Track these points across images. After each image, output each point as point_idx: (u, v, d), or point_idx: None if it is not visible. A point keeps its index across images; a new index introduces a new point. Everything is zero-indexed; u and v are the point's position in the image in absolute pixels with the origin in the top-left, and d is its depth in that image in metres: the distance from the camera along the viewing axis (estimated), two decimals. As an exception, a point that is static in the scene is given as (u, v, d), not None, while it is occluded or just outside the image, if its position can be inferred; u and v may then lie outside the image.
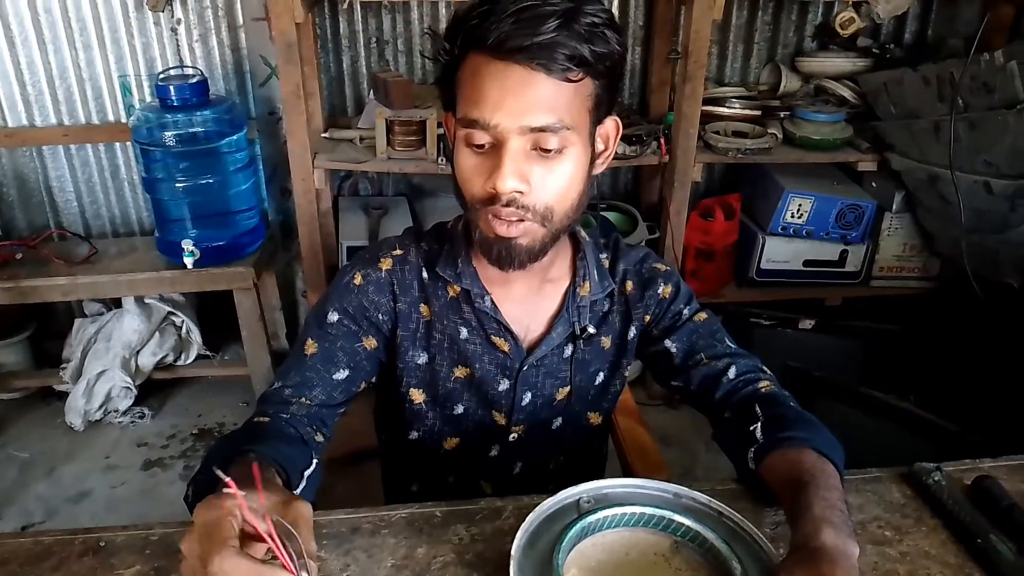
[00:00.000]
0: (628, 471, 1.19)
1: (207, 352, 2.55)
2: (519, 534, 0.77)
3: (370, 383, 1.05)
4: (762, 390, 1.00)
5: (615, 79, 0.88)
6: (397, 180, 2.60)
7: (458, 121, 0.86)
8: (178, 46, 2.33)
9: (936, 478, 0.93)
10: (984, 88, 1.91)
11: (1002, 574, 0.81)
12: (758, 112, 2.40)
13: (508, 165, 0.83)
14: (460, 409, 1.06)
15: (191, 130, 2.14)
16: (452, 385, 1.05)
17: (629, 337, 1.08)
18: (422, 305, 1.02)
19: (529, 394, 1.05)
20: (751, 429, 0.93)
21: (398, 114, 2.11)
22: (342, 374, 0.99)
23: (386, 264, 1.02)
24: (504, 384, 1.04)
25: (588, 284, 1.03)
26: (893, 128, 2.26)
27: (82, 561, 0.83)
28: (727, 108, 2.39)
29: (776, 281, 2.51)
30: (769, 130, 2.33)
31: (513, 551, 0.75)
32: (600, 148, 0.93)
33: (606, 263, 1.07)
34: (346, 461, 1.82)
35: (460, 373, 1.04)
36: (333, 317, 0.99)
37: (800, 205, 2.38)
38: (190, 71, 2.20)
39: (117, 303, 2.49)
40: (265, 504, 0.66)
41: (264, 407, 0.95)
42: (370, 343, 1.01)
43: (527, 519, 0.79)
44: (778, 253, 2.46)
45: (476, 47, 0.83)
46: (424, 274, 1.02)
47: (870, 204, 2.39)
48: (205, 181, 2.18)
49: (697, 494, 0.86)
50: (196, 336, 2.51)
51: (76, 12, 2.25)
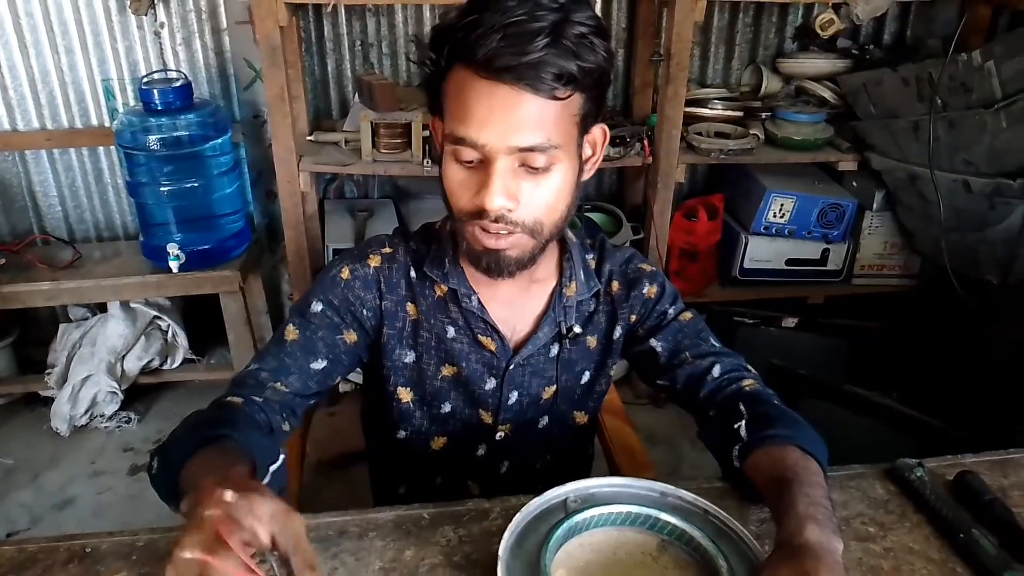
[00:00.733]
0: (615, 470, 1.20)
1: (193, 356, 2.54)
2: (506, 535, 0.77)
3: (347, 380, 1.05)
4: (746, 388, 1.00)
5: (603, 88, 0.88)
6: (383, 182, 2.60)
7: (446, 136, 0.86)
8: (161, 49, 2.32)
9: (919, 474, 0.94)
10: (962, 88, 1.93)
11: (984, 568, 0.81)
12: (740, 113, 2.41)
13: (496, 184, 0.83)
14: (447, 408, 1.06)
15: (175, 134, 2.13)
16: (439, 384, 1.05)
17: (615, 337, 1.08)
18: (409, 304, 1.03)
19: (515, 393, 1.06)
20: (735, 427, 0.93)
21: (383, 117, 2.11)
22: (320, 364, 0.99)
23: (374, 261, 1.02)
24: (491, 383, 1.05)
25: (574, 284, 1.04)
26: (873, 128, 2.28)
27: (67, 568, 0.82)
28: (709, 109, 2.40)
29: (759, 280, 2.53)
30: (751, 131, 2.34)
31: (500, 552, 0.75)
32: (588, 154, 0.93)
33: (592, 263, 1.08)
34: (333, 464, 1.82)
35: (447, 372, 1.05)
36: (317, 307, 1.00)
37: (782, 205, 2.40)
38: (174, 75, 2.19)
39: (102, 308, 2.47)
40: (264, 514, 0.66)
41: (237, 388, 0.94)
42: (351, 337, 1.01)
43: (514, 520, 0.79)
44: (761, 252, 2.48)
45: (462, 60, 0.82)
46: (412, 273, 1.03)
47: (851, 203, 2.41)
48: (190, 185, 2.17)
49: (683, 493, 0.86)
50: (182, 340, 2.49)
51: (58, 15, 2.24)
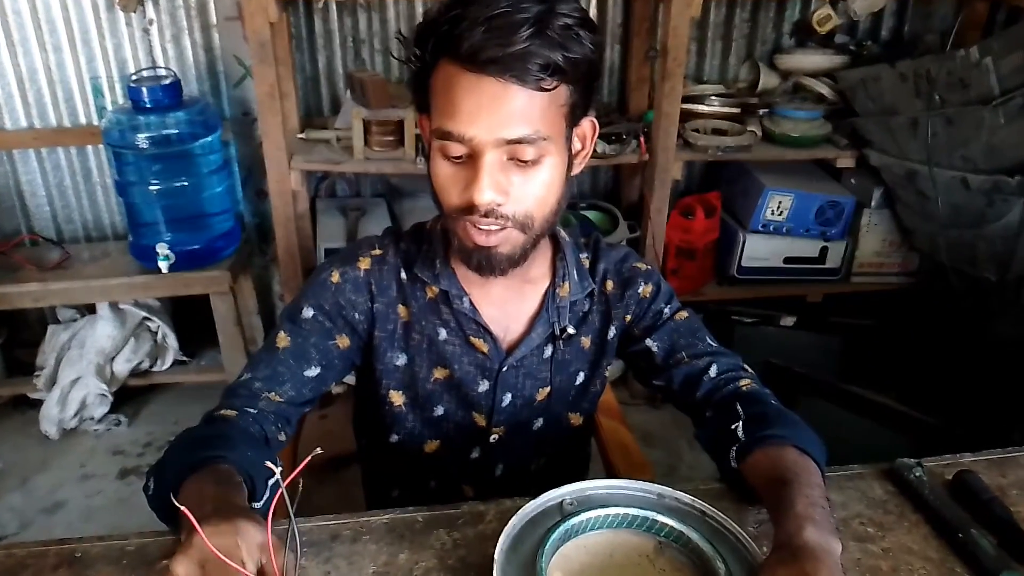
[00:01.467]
0: (611, 471, 1.18)
1: (183, 358, 2.52)
2: (502, 538, 0.76)
3: (339, 383, 1.04)
4: (743, 388, 1.00)
5: (591, 80, 0.87)
6: (375, 181, 2.59)
7: (433, 132, 0.85)
8: (150, 47, 2.30)
9: (917, 474, 0.93)
10: (960, 84, 1.93)
11: (983, 567, 0.81)
12: (737, 110, 2.41)
13: (485, 178, 0.83)
14: (440, 411, 1.05)
15: (164, 132, 2.11)
16: (431, 387, 1.04)
17: (609, 337, 1.07)
18: (400, 306, 1.01)
19: (509, 395, 1.04)
20: (732, 428, 0.92)
21: (375, 114, 2.10)
22: (313, 371, 0.97)
23: (364, 264, 1.01)
24: (483, 385, 1.03)
25: (568, 284, 1.03)
26: (871, 124, 2.27)
27: (57, 573, 0.81)
28: (706, 106, 2.39)
29: (757, 278, 2.52)
30: (748, 128, 2.34)
31: (496, 555, 0.74)
32: (577, 148, 0.92)
33: (586, 263, 1.07)
34: (326, 466, 1.80)
35: (439, 375, 1.03)
36: (308, 313, 0.98)
37: (780, 202, 2.39)
38: (163, 72, 2.17)
39: (91, 309, 2.45)
40: (253, 544, 0.67)
41: (231, 400, 0.93)
42: (343, 342, 1.00)
43: (510, 522, 0.78)
44: (759, 250, 2.47)
45: (448, 55, 0.81)
46: (402, 275, 1.02)
47: (849, 200, 2.40)
48: (179, 184, 2.15)
49: (680, 494, 0.85)
50: (172, 341, 2.47)
51: (46, 13, 2.21)
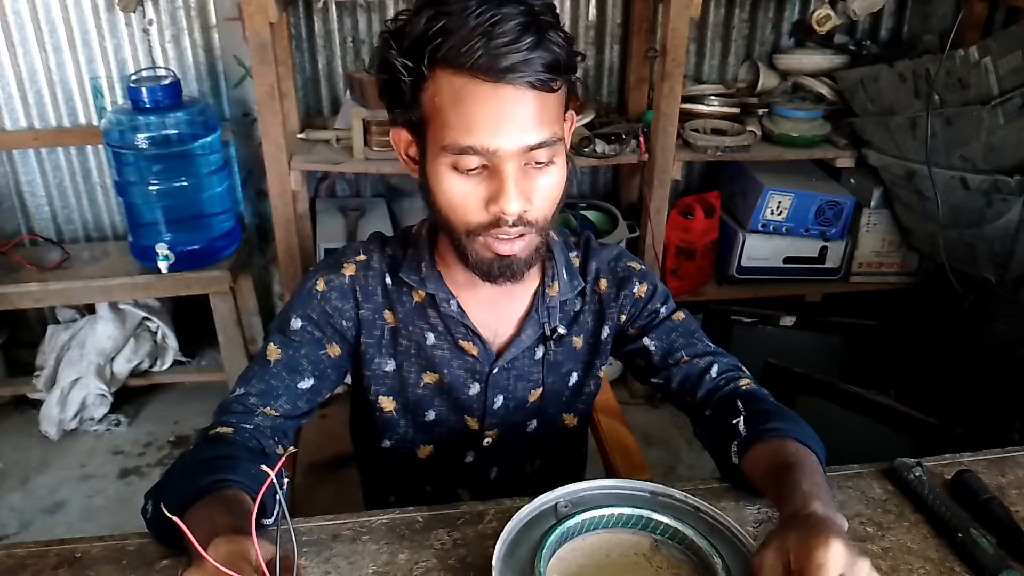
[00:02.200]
0: (611, 471, 1.18)
1: (183, 358, 2.52)
2: (498, 544, 0.76)
3: (331, 391, 1.03)
4: (743, 387, 1.01)
5: (575, 73, 0.88)
6: (375, 181, 2.59)
7: (445, 148, 0.82)
8: (150, 47, 2.30)
9: (917, 473, 0.93)
10: (959, 84, 1.93)
11: (982, 567, 0.81)
12: (736, 110, 2.41)
13: (512, 188, 0.82)
14: (431, 416, 1.05)
15: (164, 132, 2.11)
16: (421, 392, 1.03)
17: (603, 337, 1.07)
18: (386, 311, 1.01)
19: (500, 397, 1.04)
20: (734, 423, 0.93)
21: (375, 114, 2.09)
22: (307, 383, 0.97)
23: (349, 270, 1.00)
24: (474, 388, 1.03)
25: (557, 284, 1.02)
26: (870, 124, 2.27)
27: (57, 573, 0.81)
28: (706, 106, 2.39)
29: (756, 278, 2.52)
30: (748, 127, 2.34)
31: (494, 562, 0.74)
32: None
33: (576, 262, 1.06)
34: (326, 466, 1.81)
35: (429, 379, 1.03)
36: (296, 324, 0.97)
37: (779, 202, 2.39)
38: (162, 72, 2.17)
39: (91, 309, 2.45)
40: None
41: (227, 417, 0.92)
42: (334, 351, 0.99)
43: (506, 528, 0.78)
44: (758, 250, 2.47)
45: (450, 66, 0.79)
46: (388, 280, 1.01)
47: (848, 200, 2.40)
48: (179, 184, 2.15)
49: (674, 491, 0.86)
50: (172, 342, 2.47)
51: (45, 13, 2.21)
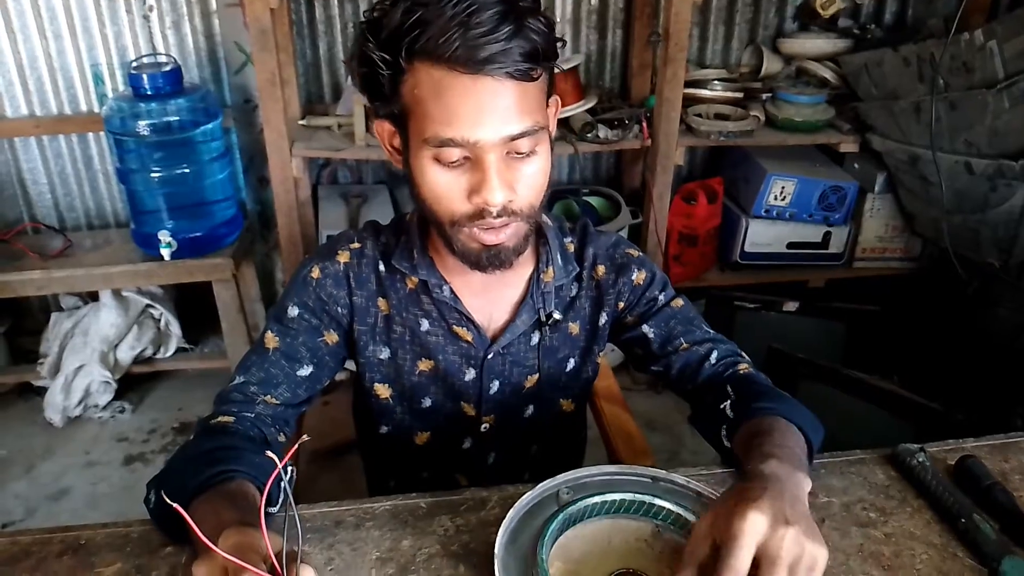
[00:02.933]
0: (613, 458, 1.18)
1: (186, 345, 2.52)
2: (500, 531, 0.76)
3: (330, 379, 1.03)
4: (741, 372, 1.01)
5: (556, 59, 0.87)
6: (376, 168, 2.58)
7: (426, 140, 0.82)
8: (151, 33, 2.29)
9: (920, 459, 0.93)
10: (964, 68, 1.91)
11: (985, 553, 0.81)
12: (740, 94, 2.39)
13: (494, 179, 0.82)
14: (428, 403, 1.05)
15: (165, 119, 2.11)
16: (417, 379, 1.04)
17: (600, 323, 1.07)
18: (380, 299, 1.01)
19: (496, 383, 1.04)
20: (722, 407, 0.94)
21: (376, 100, 2.08)
22: (306, 370, 0.97)
23: (343, 257, 1.00)
24: (470, 374, 1.03)
25: (552, 269, 1.02)
26: (874, 109, 2.26)
27: (61, 560, 0.81)
28: (709, 91, 2.38)
29: (759, 264, 2.51)
30: (751, 112, 2.32)
31: (496, 549, 0.74)
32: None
33: (571, 247, 1.06)
34: (329, 453, 1.81)
35: (424, 366, 1.03)
36: (293, 312, 0.98)
37: (783, 188, 2.38)
38: (163, 59, 2.16)
39: (94, 296, 2.45)
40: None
41: (227, 406, 0.93)
42: (331, 338, 1.00)
43: (508, 515, 0.78)
44: (761, 236, 2.47)
45: (429, 58, 0.78)
46: (381, 267, 1.01)
47: (852, 186, 2.39)
48: (180, 171, 2.15)
49: (675, 476, 0.86)
50: (175, 329, 2.48)
51: (45, 0, 2.20)
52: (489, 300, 1.01)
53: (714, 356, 1.02)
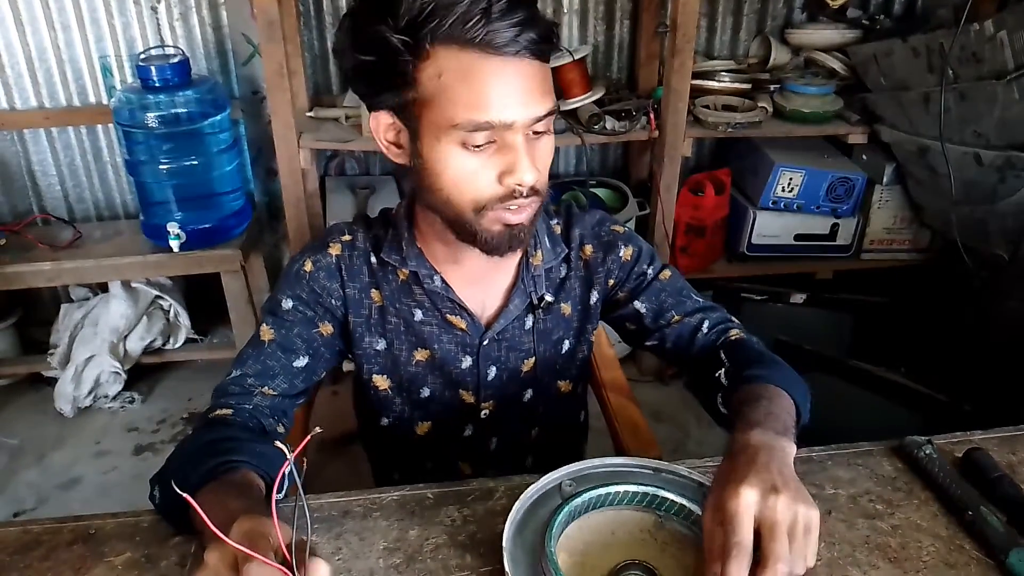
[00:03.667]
0: (620, 449, 1.19)
1: (195, 336, 2.53)
2: (507, 526, 0.77)
3: (330, 371, 1.04)
4: (732, 338, 1.03)
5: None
6: (384, 159, 2.58)
7: (458, 125, 0.80)
8: (159, 25, 2.29)
9: (927, 451, 0.93)
10: (974, 58, 1.90)
11: (992, 545, 0.81)
12: (748, 85, 2.38)
13: (525, 159, 0.83)
14: (426, 392, 1.06)
15: (173, 111, 2.11)
16: (414, 369, 1.04)
17: (592, 302, 1.08)
18: (372, 291, 1.02)
19: (493, 368, 1.05)
20: (716, 376, 0.97)
21: (384, 92, 2.08)
22: (302, 361, 0.98)
23: (335, 250, 1.01)
24: (467, 361, 1.04)
25: (540, 252, 1.03)
26: (883, 100, 2.24)
27: (72, 549, 0.82)
28: (716, 82, 2.36)
29: (767, 256, 2.50)
30: (759, 103, 2.31)
31: (504, 542, 0.75)
32: None
33: (557, 229, 1.07)
34: (336, 442, 1.82)
35: (420, 356, 1.04)
36: (287, 304, 0.98)
37: (791, 179, 2.37)
38: (171, 51, 2.17)
39: (103, 287, 2.46)
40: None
41: (225, 399, 0.93)
42: (327, 329, 1.00)
43: (512, 509, 0.79)
44: (769, 227, 2.46)
45: (453, 43, 0.78)
46: (373, 259, 1.01)
47: (860, 177, 2.38)
48: (189, 163, 2.15)
49: (677, 467, 0.86)
50: (184, 320, 2.49)
51: (54, -8, 2.21)
52: (481, 287, 1.02)
53: (706, 325, 1.05)
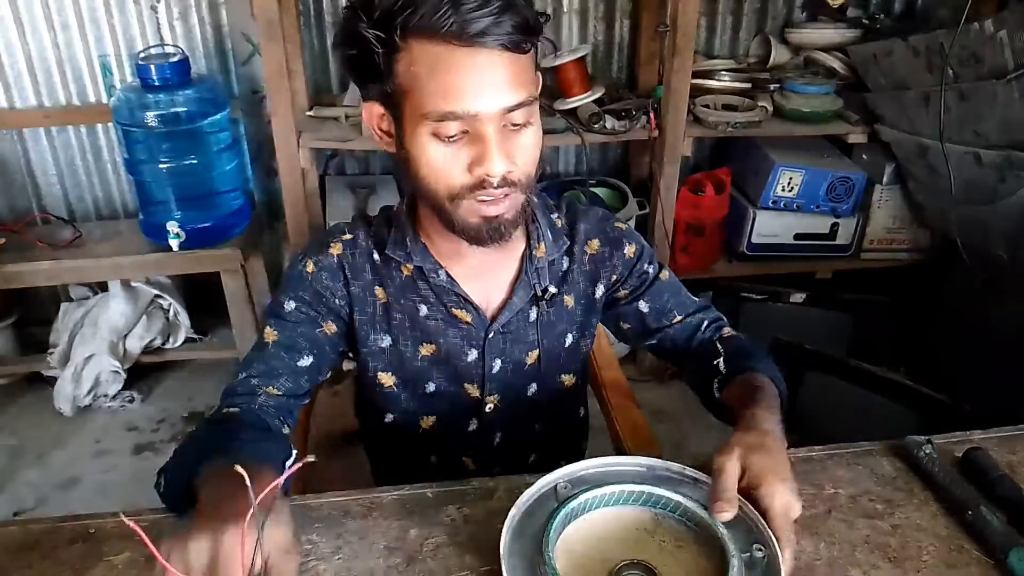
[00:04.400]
0: (620, 448, 1.19)
1: (195, 335, 2.53)
2: (504, 532, 0.76)
3: (333, 370, 1.05)
4: (726, 334, 1.11)
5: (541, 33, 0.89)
6: (384, 158, 2.58)
7: (426, 115, 0.83)
8: (158, 24, 2.29)
9: (927, 451, 0.93)
10: (974, 58, 1.90)
11: (992, 545, 0.81)
12: (748, 85, 2.38)
13: (495, 150, 0.84)
14: (432, 387, 1.06)
15: (173, 110, 2.11)
16: (420, 364, 1.05)
17: (596, 296, 1.09)
18: (377, 288, 1.02)
19: (498, 362, 1.06)
20: (715, 364, 1.03)
21: (384, 91, 2.08)
22: (306, 361, 0.98)
23: (336, 249, 1.01)
24: (472, 355, 1.04)
25: (543, 245, 1.04)
26: (883, 99, 2.24)
27: (72, 549, 0.82)
28: (716, 81, 2.37)
29: (767, 255, 2.50)
30: (759, 103, 2.31)
31: (502, 550, 0.74)
32: None
33: (559, 223, 1.08)
34: (336, 441, 1.82)
35: (426, 351, 1.04)
36: (290, 306, 0.99)
37: (791, 179, 2.37)
38: (171, 50, 2.16)
39: (103, 287, 2.46)
40: (267, 541, 0.65)
41: (231, 399, 0.94)
42: (330, 328, 1.01)
43: (509, 513, 0.78)
44: (769, 227, 2.46)
45: (423, 35, 0.80)
46: (375, 256, 1.02)
47: (860, 176, 2.38)
48: (188, 162, 2.15)
49: (671, 464, 0.86)
50: (184, 319, 2.49)
51: (53, -9, 2.21)
52: (485, 281, 1.02)
53: (704, 324, 1.11)
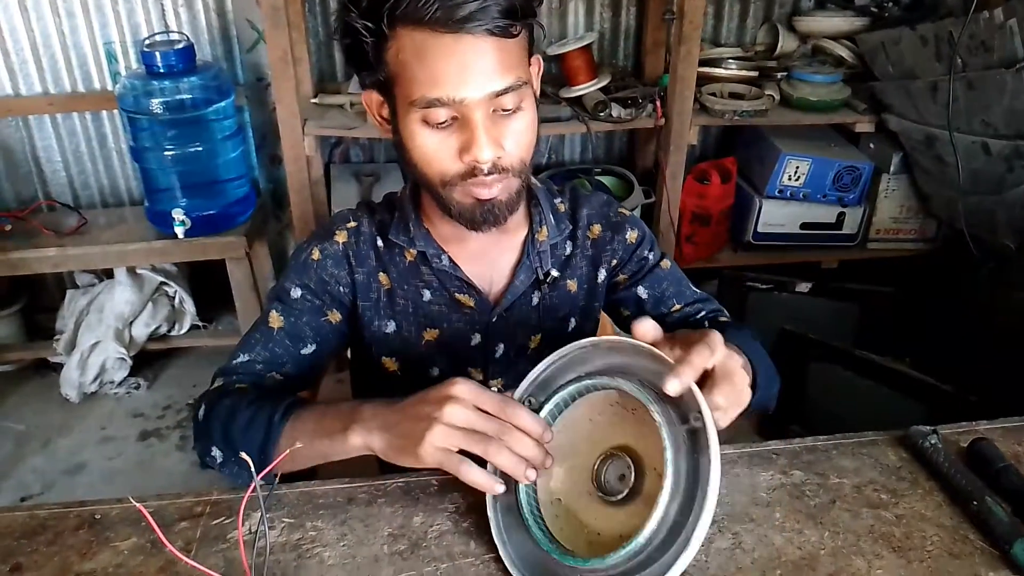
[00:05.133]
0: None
1: (200, 322, 2.54)
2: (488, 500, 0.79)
3: (333, 357, 1.07)
4: (720, 319, 1.10)
5: (536, 17, 0.88)
6: (389, 146, 2.57)
7: (413, 103, 0.84)
8: (163, 11, 2.29)
9: (932, 441, 0.93)
10: (983, 47, 1.89)
11: (996, 535, 0.81)
12: (755, 73, 2.37)
13: (483, 136, 0.84)
14: (435, 372, 1.07)
15: (178, 97, 2.10)
16: (424, 349, 1.05)
17: (599, 280, 1.10)
18: (380, 274, 1.03)
19: (502, 345, 1.06)
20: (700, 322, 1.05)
21: (389, 79, 2.07)
22: (309, 348, 0.99)
23: (341, 237, 1.02)
24: (476, 339, 1.05)
25: (545, 229, 1.04)
26: (890, 88, 2.23)
27: (77, 534, 0.82)
28: (723, 69, 2.35)
29: (773, 244, 2.50)
30: (766, 91, 2.30)
31: (489, 512, 0.76)
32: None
33: (562, 207, 1.08)
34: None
35: (429, 336, 1.05)
36: (296, 293, 0.99)
37: (797, 167, 2.36)
38: (175, 37, 2.16)
39: (109, 274, 2.47)
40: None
41: (235, 376, 0.94)
42: (335, 317, 1.01)
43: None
44: (775, 216, 2.45)
45: (411, 23, 0.80)
46: (379, 243, 1.03)
47: (867, 166, 2.37)
48: (193, 149, 2.15)
49: (611, 337, 0.80)
50: (189, 306, 2.50)
51: (58, -23, 2.20)
52: (487, 265, 1.03)
53: (702, 315, 1.10)
